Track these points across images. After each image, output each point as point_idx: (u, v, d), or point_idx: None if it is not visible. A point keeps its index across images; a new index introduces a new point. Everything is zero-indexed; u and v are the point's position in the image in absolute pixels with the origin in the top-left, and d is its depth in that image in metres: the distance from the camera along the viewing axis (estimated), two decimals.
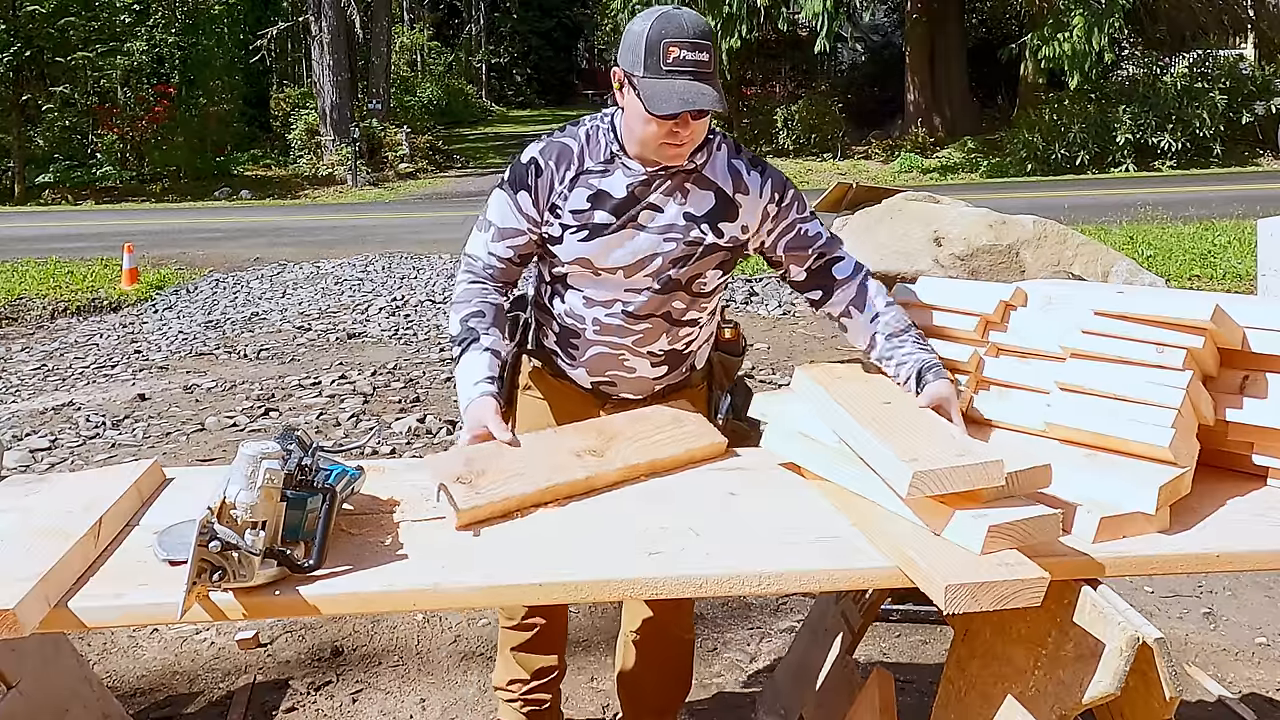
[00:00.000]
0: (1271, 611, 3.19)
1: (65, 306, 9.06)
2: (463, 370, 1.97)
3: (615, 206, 1.98)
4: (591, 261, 2.01)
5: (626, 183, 1.98)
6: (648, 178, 1.98)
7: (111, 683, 2.86)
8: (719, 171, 2.01)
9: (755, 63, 25.35)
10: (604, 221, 1.99)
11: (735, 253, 2.05)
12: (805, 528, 1.67)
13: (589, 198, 1.99)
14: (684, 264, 2.00)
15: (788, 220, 2.04)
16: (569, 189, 2.00)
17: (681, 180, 1.99)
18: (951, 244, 8.09)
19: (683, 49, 1.82)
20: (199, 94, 24.52)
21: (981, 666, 1.71)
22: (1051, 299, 1.93)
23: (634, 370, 2.10)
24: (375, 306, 8.47)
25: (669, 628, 2.30)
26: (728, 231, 2.01)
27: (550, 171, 2.00)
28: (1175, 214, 12.41)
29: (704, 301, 2.08)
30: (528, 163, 2.02)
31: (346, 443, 3.56)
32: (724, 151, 2.03)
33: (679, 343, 2.10)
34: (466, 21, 39.87)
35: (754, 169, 2.03)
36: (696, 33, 1.83)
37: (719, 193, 2.00)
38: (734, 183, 2.01)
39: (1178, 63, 23.02)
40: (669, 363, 2.12)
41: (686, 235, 1.99)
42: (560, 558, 1.59)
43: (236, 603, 1.46)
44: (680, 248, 1.99)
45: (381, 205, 18.78)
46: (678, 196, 1.99)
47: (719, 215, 2.00)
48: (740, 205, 2.01)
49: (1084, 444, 1.78)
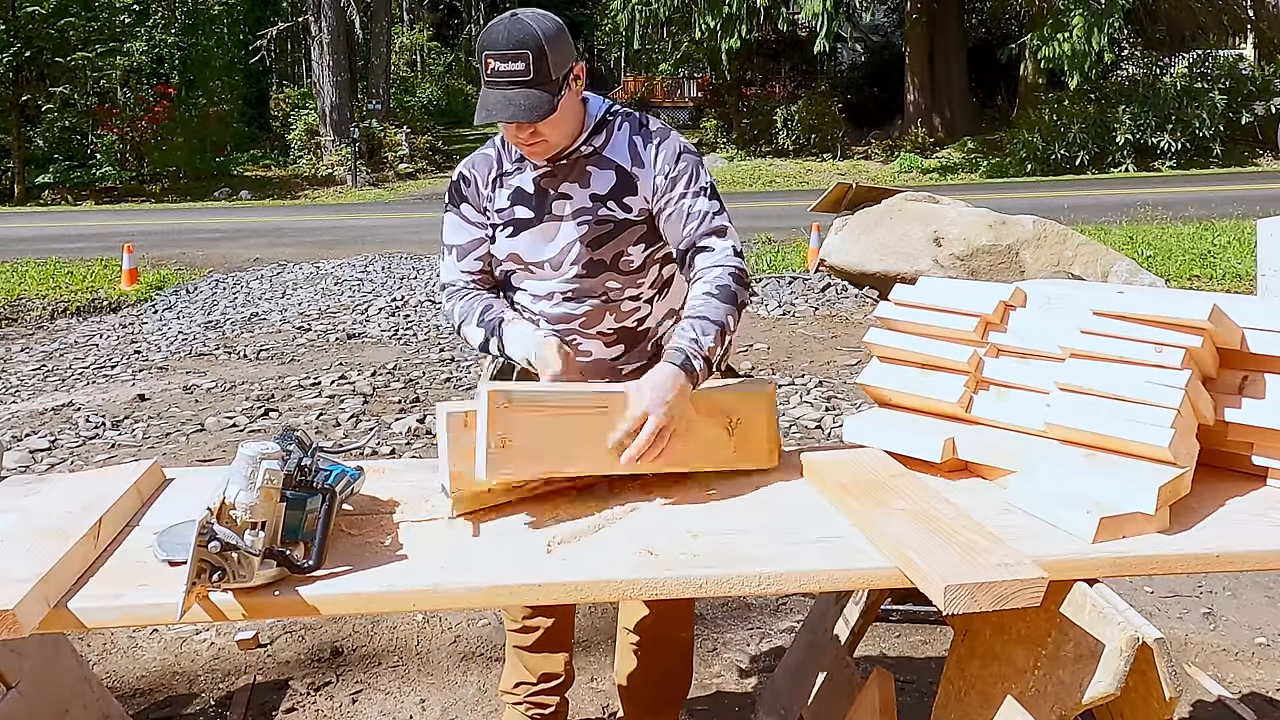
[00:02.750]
0: (1271, 611, 3.19)
1: (65, 307, 9.05)
2: (511, 338, 2.01)
3: (530, 201, 2.07)
4: (521, 257, 2.09)
5: (533, 176, 2.06)
6: (552, 169, 2.04)
7: (111, 683, 2.86)
8: (618, 149, 2.06)
9: (755, 63, 25.36)
10: (525, 217, 2.07)
11: (652, 226, 2.07)
12: (805, 528, 1.67)
13: (509, 196, 2.09)
14: (600, 244, 2.05)
15: (672, 193, 2.03)
16: (493, 191, 2.11)
17: (583, 165, 2.05)
18: (951, 244, 8.11)
19: (496, 60, 1.89)
20: (199, 94, 24.54)
21: (981, 666, 1.71)
22: (1051, 299, 1.93)
23: (589, 353, 2.13)
24: (375, 307, 8.48)
25: (668, 627, 2.31)
26: (635, 205, 2.05)
27: (475, 179, 2.12)
28: (1175, 214, 12.42)
29: (638, 277, 2.09)
30: (457, 179, 2.15)
31: (346, 443, 3.56)
32: (625, 130, 2.07)
33: (627, 319, 2.12)
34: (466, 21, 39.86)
35: (650, 142, 2.06)
36: (511, 43, 1.87)
37: (618, 169, 2.05)
38: (631, 157, 2.05)
39: (1177, 63, 23.06)
40: (623, 341, 2.14)
41: (595, 215, 2.04)
42: (560, 558, 1.59)
43: (236, 603, 1.46)
44: (592, 229, 2.04)
45: (381, 205, 18.79)
46: (582, 180, 2.05)
47: (622, 191, 2.04)
48: (638, 178, 2.05)
49: (1083, 444, 1.78)
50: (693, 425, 1.84)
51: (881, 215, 8.73)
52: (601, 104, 2.07)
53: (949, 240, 8.14)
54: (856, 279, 8.72)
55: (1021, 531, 1.63)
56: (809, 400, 5.55)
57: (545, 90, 1.89)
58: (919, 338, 2.03)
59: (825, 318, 7.96)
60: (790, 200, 16.11)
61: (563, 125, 1.97)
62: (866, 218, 8.84)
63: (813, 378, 6.05)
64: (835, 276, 9.01)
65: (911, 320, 2.04)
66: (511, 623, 2.35)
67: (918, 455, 1.89)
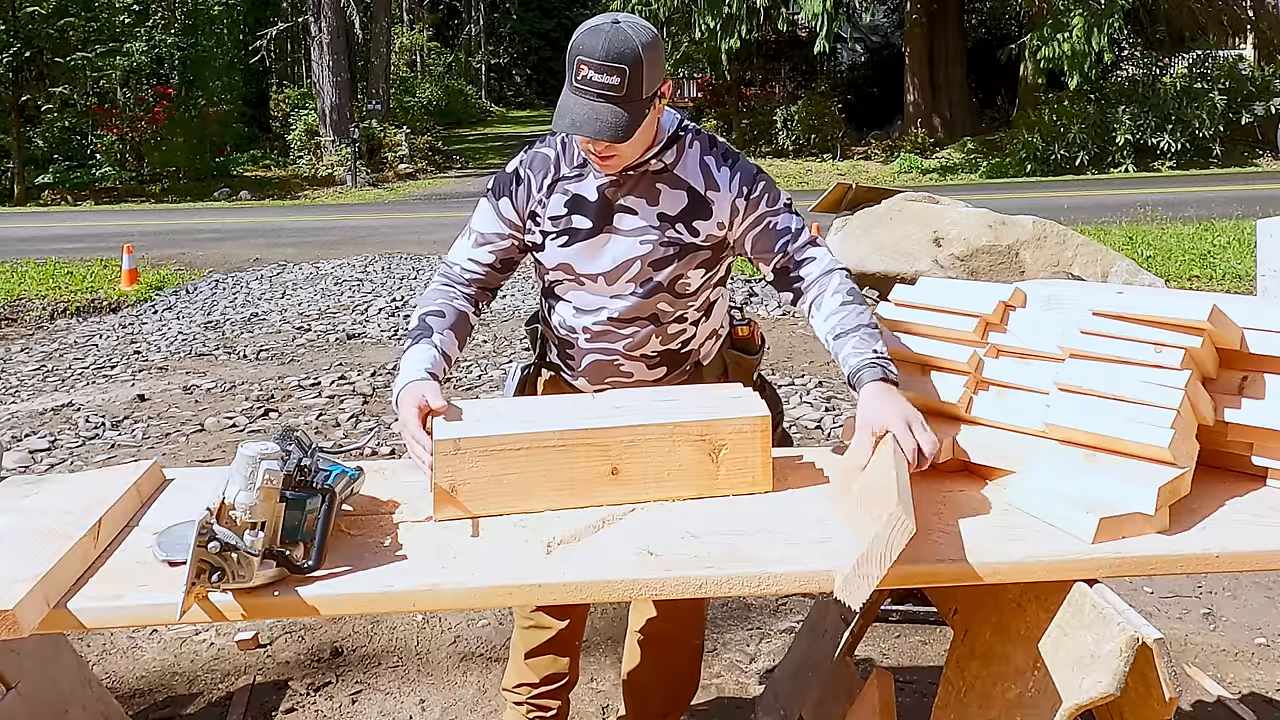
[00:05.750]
0: (1271, 612, 3.19)
1: (64, 307, 9.05)
2: (408, 359, 1.92)
3: (591, 210, 1.99)
4: (573, 268, 2.02)
5: (597, 185, 1.98)
6: (618, 179, 1.97)
7: (111, 684, 2.86)
8: (690, 170, 1.99)
9: (755, 63, 25.35)
10: (581, 226, 1.99)
11: (717, 251, 2.03)
12: (805, 528, 1.67)
13: (565, 203, 2.00)
14: (664, 266, 1.99)
15: (755, 214, 2.00)
16: (547, 195, 2.01)
17: (652, 180, 1.98)
18: (951, 244, 8.11)
19: (590, 69, 1.79)
20: (199, 94, 24.52)
21: (981, 667, 1.71)
22: (1050, 300, 1.93)
23: (630, 375, 2.09)
24: (375, 307, 8.48)
25: (679, 633, 2.29)
26: (703, 230, 1.99)
27: (529, 179, 2.02)
28: (1175, 214, 12.42)
29: (689, 300, 2.06)
30: (511, 173, 2.05)
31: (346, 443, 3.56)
32: (696, 149, 2.01)
33: (672, 343, 2.09)
34: (466, 22, 39.88)
35: (724, 164, 2.00)
36: (610, 55, 1.78)
37: (691, 191, 1.98)
38: (705, 180, 1.99)
39: (1177, 63, 23.06)
40: (666, 363, 2.10)
41: (662, 236, 1.98)
42: (560, 558, 1.58)
43: (236, 603, 1.46)
44: (657, 249, 1.98)
45: (381, 206, 18.79)
46: (651, 198, 1.98)
47: (693, 214, 1.99)
48: (713, 203, 1.99)
49: (1083, 444, 1.78)
50: (680, 456, 1.77)
51: (881, 215, 8.73)
52: (674, 118, 2.00)
53: (949, 240, 8.15)
54: (856, 279, 8.67)
55: (1021, 531, 1.63)
56: (809, 400, 5.55)
57: (633, 108, 1.81)
58: (919, 338, 2.03)
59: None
60: None
61: (640, 141, 1.89)
62: (866, 218, 8.84)
63: (813, 378, 6.05)
64: None
65: (911, 320, 2.04)
66: (523, 620, 2.30)
67: None
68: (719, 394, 1.92)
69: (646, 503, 1.77)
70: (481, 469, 1.70)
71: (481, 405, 1.89)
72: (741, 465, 1.79)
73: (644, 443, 1.75)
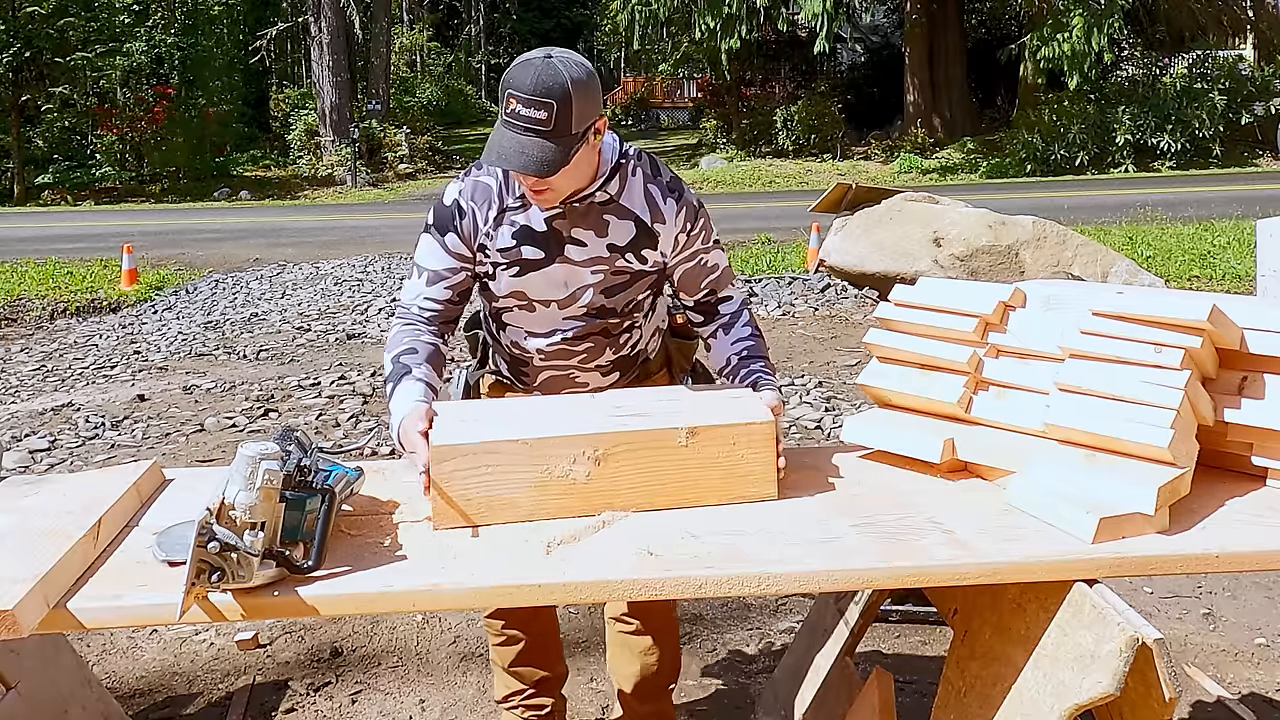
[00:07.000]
0: (1271, 612, 3.19)
1: (64, 307, 9.05)
2: (396, 399, 1.90)
3: (541, 241, 1.99)
4: (526, 294, 2.03)
5: (544, 216, 1.98)
6: (563, 210, 1.95)
7: (111, 684, 2.86)
8: (635, 200, 2.00)
9: (755, 63, 25.36)
10: (532, 256, 1.99)
11: (662, 274, 2.10)
12: (805, 528, 1.67)
13: (514, 234, 1.99)
14: (615, 292, 2.04)
15: (692, 249, 2.06)
16: (494, 228, 1.99)
17: (599, 212, 1.98)
18: (951, 244, 8.11)
19: (519, 102, 1.77)
20: (198, 94, 24.55)
21: (981, 667, 1.71)
22: (1050, 300, 1.93)
23: (586, 384, 2.14)
24: (375, 307, 8.48)
25: (650, 608, 2.30)
26: (651, 258, 2.04)
27: (473, 211, 1.99)
28: (1175, 214, 12.43)
29: (636, 311, 2.12)
30: (451, 205, 2.01)
31: (346, 443, 3.56)
32: (639, 176, 2.01)
33: (624, 349, 2.14)
34: (466, 22, 39.89)
35: (669, 195, 2.02)
36: (539, 89, 1.76)
37: (638, 222, 2.00)
38: (651, 211, 2.01)
39: (1177, 63, 23.06)
40: (620, 368, 2.16)
41: (613, 266, 2.01)
42: (559, 558, 1.58)
43: (235, 604, 1.45)
44: (609, 278, 2.01)
45: (381, 206, 18.79)
46: (599, 229, 1.99)
47: (641, 244, 2.01)
48: (659, 235, 2.02)
49: (1083, 444, 1.78)
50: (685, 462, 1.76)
51: (881, 216, 8.74)
52: (615, 147, 1.99)
53: (949, 241, 8.15)
54: (856, 279, 8.72)
55: (1021, 531, 1.63)
56: (809, 400, 5.55)
57: (562, 143, 1.79)
58: (919, 338, 2.03)
59: (825, 318, 7.96)
60: (790, 201, 16.12)
61: (573, 175, 1.88)
62: (866, 218, 8.85)
63: (813, 378, 6.05)
64: (835, 277, 9.01)
65: (911, 321, 2.04)
66: (494, 636, 2.32)
67: (917, 455, 1.89)
68: (720, 396, 1.92)
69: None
70: (467, 482, 1.69)
71: (481, 406, 1.89)
72: (749, 471, 1.79)
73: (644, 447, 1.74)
